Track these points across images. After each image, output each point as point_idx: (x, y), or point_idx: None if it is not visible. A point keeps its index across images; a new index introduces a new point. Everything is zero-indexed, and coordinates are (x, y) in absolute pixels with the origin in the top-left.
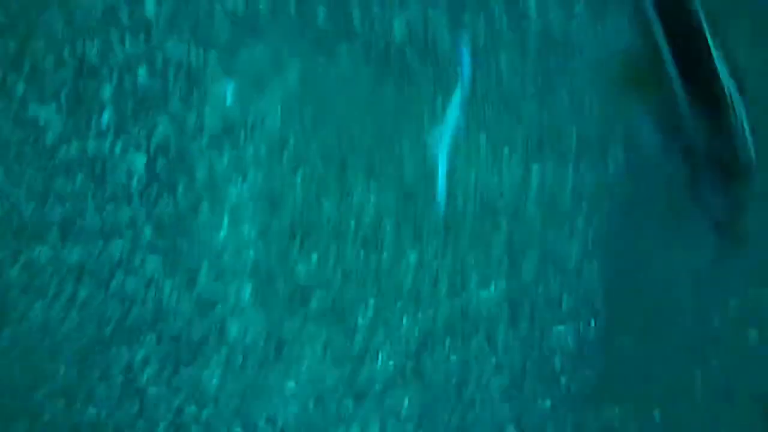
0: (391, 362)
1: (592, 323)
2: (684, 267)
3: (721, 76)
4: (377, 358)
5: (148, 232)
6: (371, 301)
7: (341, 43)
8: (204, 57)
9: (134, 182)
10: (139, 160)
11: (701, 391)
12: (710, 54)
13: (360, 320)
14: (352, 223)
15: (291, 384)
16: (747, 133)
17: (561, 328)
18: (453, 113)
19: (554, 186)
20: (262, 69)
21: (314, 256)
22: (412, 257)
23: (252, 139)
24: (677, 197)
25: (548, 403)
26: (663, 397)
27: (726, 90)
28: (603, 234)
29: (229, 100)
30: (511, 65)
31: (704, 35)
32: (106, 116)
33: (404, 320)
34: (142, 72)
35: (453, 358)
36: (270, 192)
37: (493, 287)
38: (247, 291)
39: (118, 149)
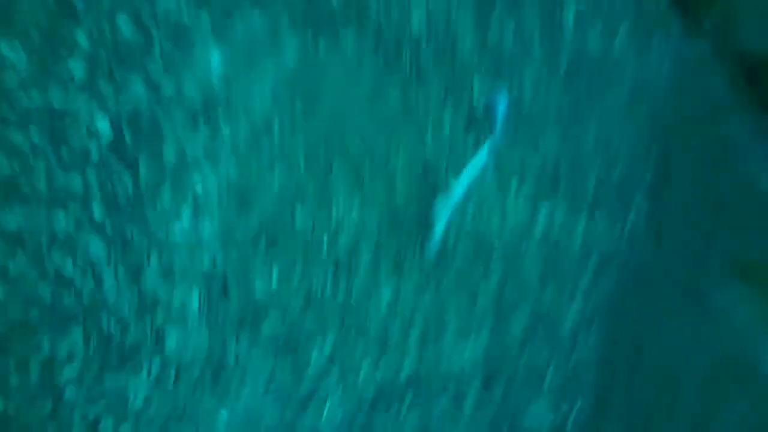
0: (340, 412)
1: (577, 405)
2: (695, 361)
3: None
4: (325, 404)
5: (97, 209)
6: (330, 336)
7: (350, 26)
8: (196, 16)
9: (93, 149)
10: (104, 125)
11: None
12: None
13: (314, 356)
14: (326, 239)
15: (224, 414)
16: None
17: (540, 405)
18: (479, 160)
19: (562, 234)
20: (256, 41)
21: (276, 271)
22: (387, 292)
23: (232, 120)
24: (703, 274)
25: None
26: None
27: None
28: (608, 302)
29: (214, 71)
30: (536, 83)
31: None
32: (78, 66)
33: (364, 364)
34: (124, 21)
35: (412, 417)
36: (241, 187)
37: (471, 342)
38: (195, 298)
39: (83, 107)
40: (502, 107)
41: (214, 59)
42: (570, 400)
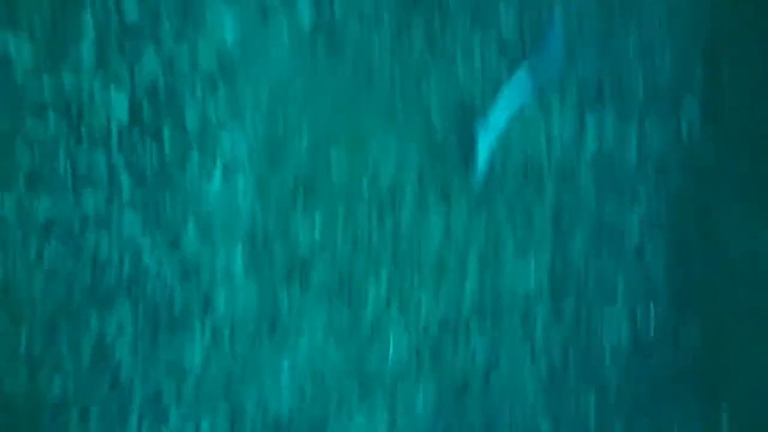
0: (404, 345)
1: (652, 310)
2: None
3: None
4: (389, 341)
5: (126, 185)
6: (384, 273)
7: None
8: None
9: (114, 125)
10: (121, 101)
11: None
12: None
13: (371, 295)
14: (365, 181)
15: (286, 364)
16: None
17: (615, 316)
18: (517, 83)
19: (615, 143)
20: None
21: (318, 217)
22: (437, 223)
23: (252, 79)
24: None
25: (592, 400)
26: (733, 400)
27: None
28: (672, 206)
29: (227, 35)
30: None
31: None
32: (86, 49)
33: (423, 297)
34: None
35: (479, 344)
36: (270, 141)
37: (533, 262)
38: (239, 255)
39: (97, 87)
40: (553, 32)
41: (227, 23)
42: (643, 306)
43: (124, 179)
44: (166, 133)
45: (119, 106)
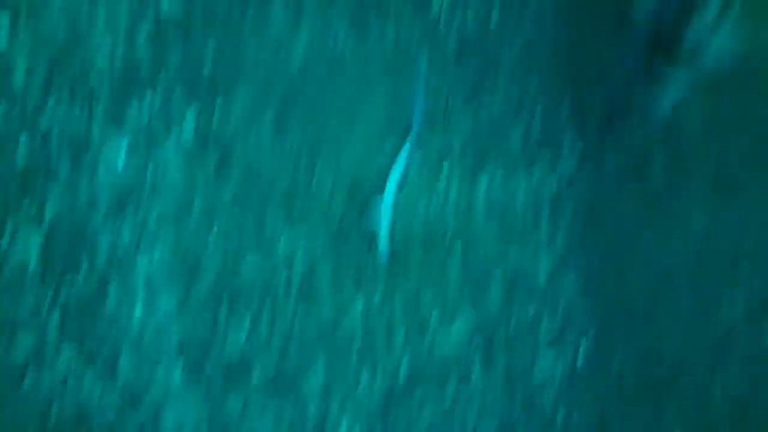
0: (356, 427)
1: (582, 345)
2: (676, 258)
3: None
4: (339, 425)
5: (55, 319)
6: (320, 364)
7: (237, 84)
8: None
9: (30, 266)
10: (34, 240)
11: (723, 403)
12: None
13: (312, 385)
14: (282, 280)
15: None
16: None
17: (545, 358)
18: (402, 159)
19: (506, 194)
20: (154, 121)
21: (247, 321)
22: (358, 307)
23: (155, 200)
24: (653, 176)
25: None
26: (681, 418)
27: None
28: (576, 240)
29: (121, 162)
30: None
31: None
32: None
33: (362, 378)
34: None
35: (427, 410)
36: (185, 258)
37: (457, 323)
38: (178, 373)
39: (8, 231)
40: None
41: (120, 150)
42: (572, 344)
43: (55, 315)
44: (83, 267)
45: (32, 246)
